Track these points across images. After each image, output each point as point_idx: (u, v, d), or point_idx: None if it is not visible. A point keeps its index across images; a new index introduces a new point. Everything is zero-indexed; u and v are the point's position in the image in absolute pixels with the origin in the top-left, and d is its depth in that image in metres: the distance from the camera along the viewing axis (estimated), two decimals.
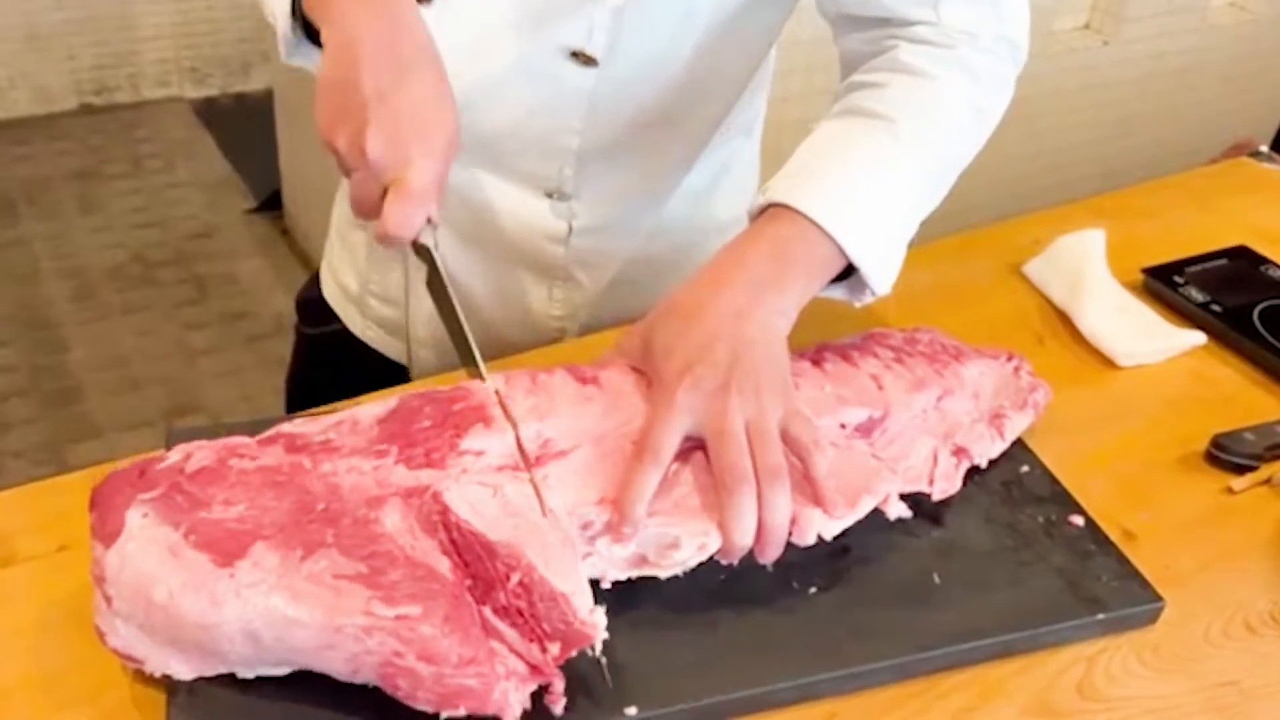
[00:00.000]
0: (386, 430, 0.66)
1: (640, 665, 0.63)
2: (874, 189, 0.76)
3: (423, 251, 0.71)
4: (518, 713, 0.57)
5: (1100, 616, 0.69)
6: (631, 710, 0.61)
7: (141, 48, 3.24)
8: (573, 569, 0.60)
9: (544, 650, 0.58)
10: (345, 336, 1.04)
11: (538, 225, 0.90)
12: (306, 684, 0.60)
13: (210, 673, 0.59)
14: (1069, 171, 2.55)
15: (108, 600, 0.58)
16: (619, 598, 0.66)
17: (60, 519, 0.70)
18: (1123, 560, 0.73)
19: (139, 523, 0.58)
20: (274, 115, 2.67)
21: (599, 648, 0.59)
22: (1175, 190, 1.23)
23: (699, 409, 0.67)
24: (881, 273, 0.76)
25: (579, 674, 0.61)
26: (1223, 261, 1.05)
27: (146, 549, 0.57)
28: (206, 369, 2.40)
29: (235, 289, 2.63)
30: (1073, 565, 0.72)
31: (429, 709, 0.56)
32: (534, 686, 0.58)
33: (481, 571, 0.59)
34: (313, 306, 1.08)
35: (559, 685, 0.59)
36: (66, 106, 3.23)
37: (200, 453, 0.63)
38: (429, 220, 0.69)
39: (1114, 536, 0.75)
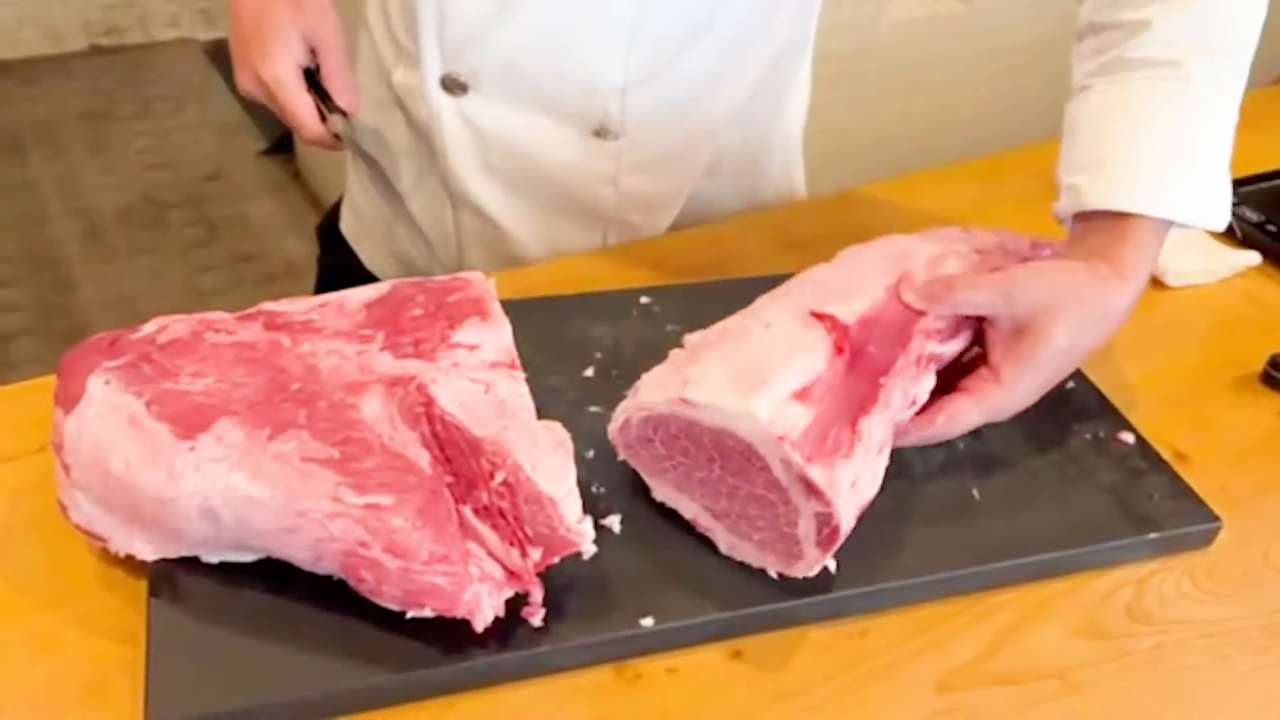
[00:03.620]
0: (374, 315, 0.61)
1: (658, 576, 0.59)
2: (1193, 154, 0.69)
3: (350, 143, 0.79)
4: (489, 618, 0.53)
5: (1153, 536, 0.64)
6: (648, 621, 0.56)
7: None
8: (564, 474, 0.55)
9: (524, 555, 0.54)
10: (365, 269, 1.01)
11: (586, 166, 0.85)
12: (293, 585, 0.56)
13: (174, 554, 0.56)
14: None
15: (66, 469, 0.55)
16: (633, 509, 0.62)
17: (44, 419, 0.65)
18: (1176, 479, 0.68)
19: (101, 390, 0.55)
20: None
21: (587, 555, 0.55)
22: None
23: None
24: (1220, 213, 0.70)
25: (592, 585, 0.57)
26: (1278, 181, 0.99)
27: (106, 416, 0.54)
28: (216, 311, 2.36)
29: (246, 231, 2.58)
30: (1123, 483, 0.67)
31: (393, 606, 0.53)
32: (509, 594, 0.54)
33: (464, 469, 0.55)
34: (332, 236, 1.04)
35: (537, 595, 0.55)
36: (76, 47, 3.18)
37: (176, 325, 0.59)
38: (340, 112, 0.78)
39: (1166, 457, 0.70)
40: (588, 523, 0.55)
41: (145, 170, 2.76)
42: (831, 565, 0.58)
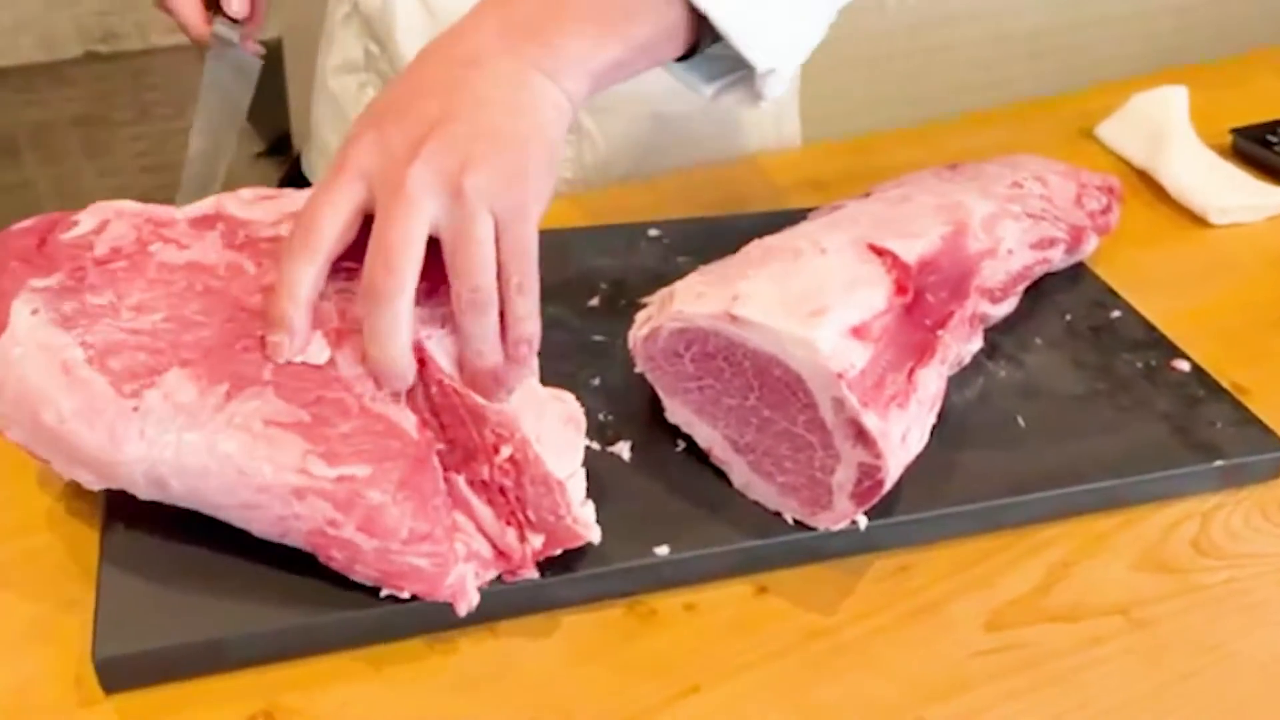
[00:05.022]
0: (360, 246, 0.48)
1: (673, 505, 0.53)
2: None
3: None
4: (474, 602, 0.47)
5: (1218, 464, 0.58)
6: (663, 550, 0.50)
7: None
8: (574, 452, 0.50)
9: (523, 539, 0.48)
10: None
11: None
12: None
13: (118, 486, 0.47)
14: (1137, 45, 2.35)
15: None
16: (644, 438, 0.56)
17: None
18: (1238, 406, 0.62)
19: (27, 321, 0.46)
20: (283, 62, 2.58)
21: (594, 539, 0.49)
22: (1259, 63, 1.12)
23: (374, 173, 0.47)
24: (752, 33, 0.54)
25: (600, 513, 0.52)
26: None
27: (34, 358, 0.45)
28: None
29: None
30: (1180, 411, 0.62)
31: (369, 584, 0.47)
32: (494, 574, 0.48)
33: (463, 438, 0.48)
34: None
35: (530, 575, 0.49)
36: (73, 54, 3.15)
37: (117, 224, 0.50)
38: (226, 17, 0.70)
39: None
40: (590, 509, 0.49)
41: (142, 173, 2.72)
42: (862, 521, 0.53)
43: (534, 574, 0.48)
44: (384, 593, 0.47)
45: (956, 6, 2.06)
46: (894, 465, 0.49)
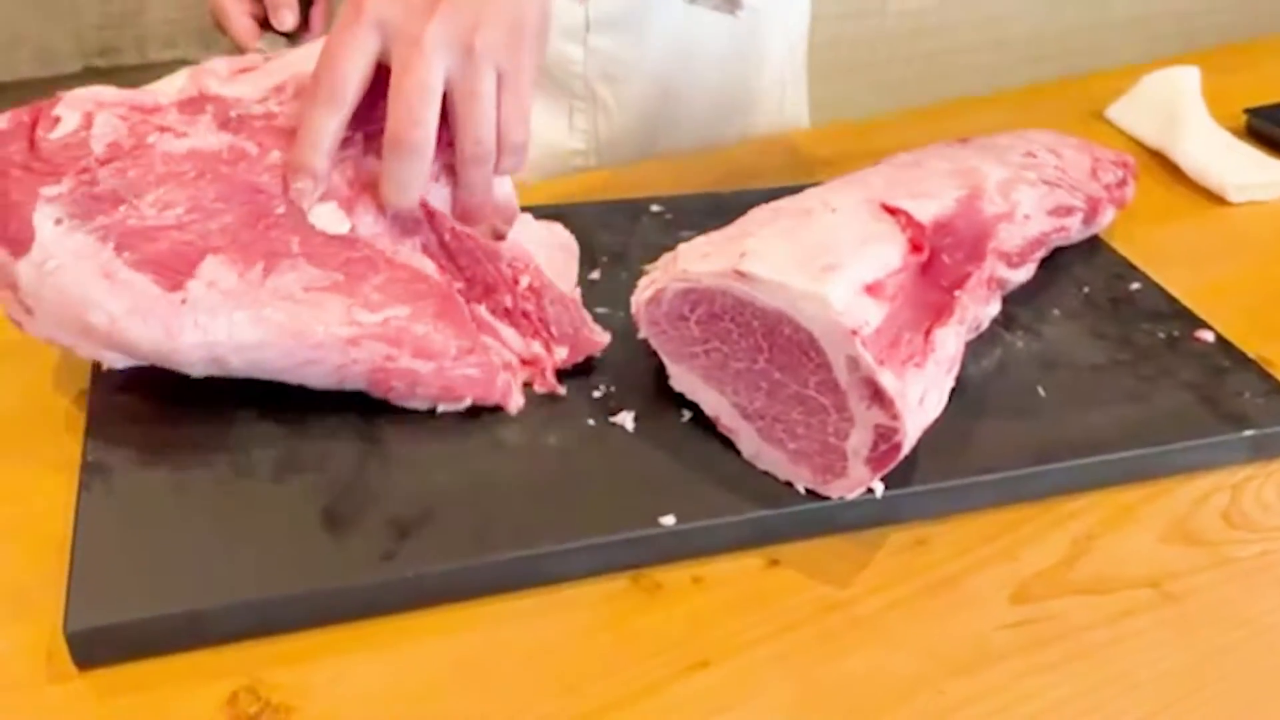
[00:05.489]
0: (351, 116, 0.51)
1: (680, 474, 0.50)
2: None
3: None
4: (520, 403, 0.53)
5: (1248, 433, 0.56)
6: (669, 519, 0.48)
7: (148, 7, 3.14)
8: (572, 274, 0.60)
9: (549, 350, 0.55)
10: None
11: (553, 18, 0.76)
12: (248, 480, 0.48)
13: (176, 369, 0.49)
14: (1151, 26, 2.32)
15: (27, 310, 0.47)
16: (648, 409, 0.54)
17: None
18: (1266, 377, 0.60)
19: (53, 232, 0.46)
20: None
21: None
22: (1267, 49, 1.10)
23: (390, 24, 0.49)
24: None
25: (602, 481, 0.49)
26: None
27: (74, 269, 0.46)
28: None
29: None
30: (1206, 381, 0.59)
31: (425, 405, 0.52)
32: (524, 377, 0.55)
33: (481, 274, 0.54)
34: None
35: (551, 375, 0.55)
36: (71, 69, 3.14)
37: (103, 117, 0.49)
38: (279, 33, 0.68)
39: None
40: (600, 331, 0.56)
41: None
42: (878, 488, 0.50)
43: (559, 387, 0.55)
44: (440, 409, 0.52)
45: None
46: (912, 427, 0.47)
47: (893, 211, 0.53)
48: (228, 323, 0.47)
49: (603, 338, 0.55)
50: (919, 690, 0.45)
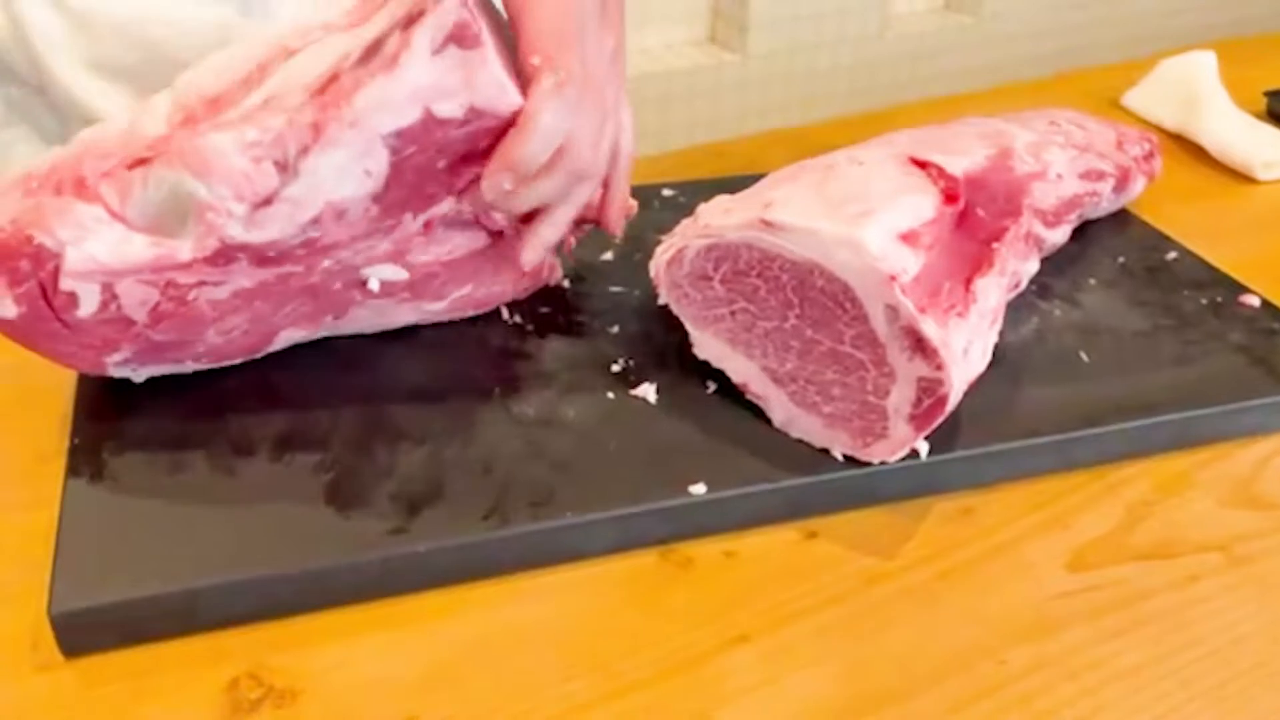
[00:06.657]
0: (385, 200, 0.44)
1: (709, 443, 0.47)
2: None
3: None
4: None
5: None
6: (699, 488, 0.45)
7: None
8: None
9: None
10: None
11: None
12: (241, 457, 0.45)
13: None
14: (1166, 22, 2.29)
15: None
16: (669, 381, 0.51)
17: None
18: None
19: (122, 370, 0.47)
20: None
21: None
22: None
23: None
24: None
25: (628, 453, 0.46)
26: None
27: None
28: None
29: None
30: (1257, 343, 0.56)
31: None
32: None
33: None
34: None
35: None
36: None
37: (124, 286, 0.42)
38: None
39: None
40: None
41: None
42: (923, 449, 0.47)
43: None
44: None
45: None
46: (957, 380, 0.44)
47: (923, 165, 0.50)
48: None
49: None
50: (978, 660, 0.41)
